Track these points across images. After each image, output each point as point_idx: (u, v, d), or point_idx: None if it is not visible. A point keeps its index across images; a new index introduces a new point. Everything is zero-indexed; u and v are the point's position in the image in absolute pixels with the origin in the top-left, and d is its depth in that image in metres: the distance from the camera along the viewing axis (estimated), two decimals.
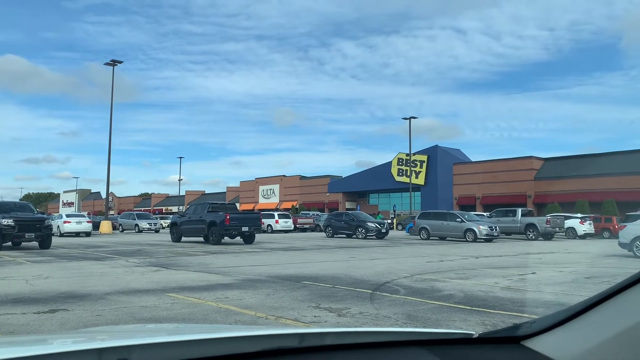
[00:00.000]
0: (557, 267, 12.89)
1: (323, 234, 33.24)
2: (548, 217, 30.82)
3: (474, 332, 1.30)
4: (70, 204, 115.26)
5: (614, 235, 29.35)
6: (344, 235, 30.12)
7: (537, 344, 1.17)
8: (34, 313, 6.40)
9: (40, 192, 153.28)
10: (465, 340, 1.28)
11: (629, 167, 45.92)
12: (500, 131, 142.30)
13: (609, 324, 1.01)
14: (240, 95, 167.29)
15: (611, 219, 35.14)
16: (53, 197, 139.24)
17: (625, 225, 17.12)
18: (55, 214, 38.64)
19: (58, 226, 30.85)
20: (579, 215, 34.40)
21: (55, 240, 23.05)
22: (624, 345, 0.97)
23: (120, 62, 37.99)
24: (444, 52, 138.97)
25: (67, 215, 32.93)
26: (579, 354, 1.05)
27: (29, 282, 9.45)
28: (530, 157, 54.54)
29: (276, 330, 1.23)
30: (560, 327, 1.13)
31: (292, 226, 39.95)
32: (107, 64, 37.96)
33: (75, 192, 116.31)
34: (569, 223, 31.86)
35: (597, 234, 33.26)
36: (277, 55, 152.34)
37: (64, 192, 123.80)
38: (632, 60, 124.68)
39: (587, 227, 32.12)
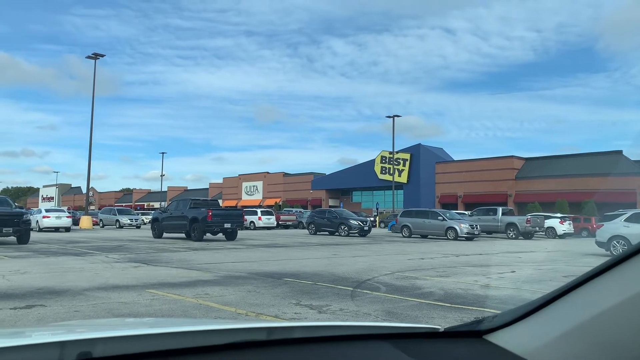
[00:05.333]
0: (536, 265, 13.07)
1: (306, 231, 33.26)
2: (528, 216, 31.19)
3: (440, 327, 1.32)
4: (50, 199, 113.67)
5: (592, 234, 29.79)
6: (327, 233, 30.19)
7: (497, 338, 1.20)
8: (10, 309, 6.30)
9: (19, 186, 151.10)
10: (429, 335, 1.30)
11: (610, 168, 46.58)
12: (485, 130, 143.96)
13: (566, 317, 1.04)
14: (227, 91, 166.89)
15: (590, 219, 35.66)
16: (33, 191, 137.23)
17: (603, 225, 17.30)
18: (35, 209, 38.06)
19: (37, 221, 30.38)
20: (559, 215, 34.82)
21: (34, 235, 22.72)
22: (580, 338, 1.00)
23: (102, 56, 37.50)
24: (433, 51, 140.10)
25: (47, 210, 32.43)
26: (538, 347, 1.08)
27: (5, 277, 9.30)
28: (512, 156, 55.09)
29: (245, 324, 1.23)
30: (521, 321, 1.16)
31: (275, 223, 39.92)
32: (89, 57, 37.46)
33: (55, 187, 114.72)
34: (549, 223, 32.25)
35: (576, 234, 33.75)
36: (266, 52, 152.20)
37: (44, 186, 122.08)
38: (615, 62, 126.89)
39: (566, 227, 32.55)
